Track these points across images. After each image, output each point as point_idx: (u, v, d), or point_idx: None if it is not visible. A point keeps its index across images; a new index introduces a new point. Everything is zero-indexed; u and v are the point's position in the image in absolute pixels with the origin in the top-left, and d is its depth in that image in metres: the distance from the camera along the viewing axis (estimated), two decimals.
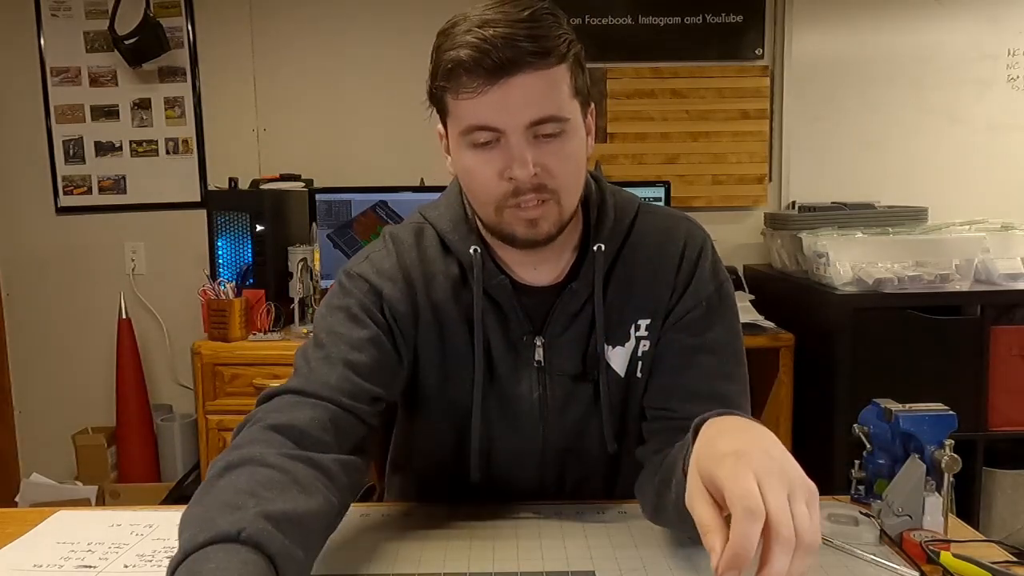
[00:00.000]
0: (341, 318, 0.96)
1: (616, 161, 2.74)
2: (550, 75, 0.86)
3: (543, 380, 1.01)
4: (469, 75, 0.84)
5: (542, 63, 0.85)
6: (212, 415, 2.24)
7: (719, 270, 1.03)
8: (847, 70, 2.78)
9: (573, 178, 0.92)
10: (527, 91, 0.85)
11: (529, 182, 0.87)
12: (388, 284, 0.98)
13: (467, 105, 0.86)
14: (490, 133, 0.87)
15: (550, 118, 0.86)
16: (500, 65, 0.83)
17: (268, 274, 2.39)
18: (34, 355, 2.87)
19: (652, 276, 1.00)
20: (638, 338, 1.00)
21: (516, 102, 0.85)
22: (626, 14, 2.75)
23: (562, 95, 0.88)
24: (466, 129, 0.88)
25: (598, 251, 0.98)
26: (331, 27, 2.76)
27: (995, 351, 2.13)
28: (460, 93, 0.86)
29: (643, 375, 1.01)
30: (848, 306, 2.13)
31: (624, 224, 1.01)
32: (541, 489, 1.06)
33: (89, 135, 2.78)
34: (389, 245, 1.01)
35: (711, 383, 0.97)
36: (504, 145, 0.87)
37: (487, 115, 0.86)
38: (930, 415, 0.96)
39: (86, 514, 1.05)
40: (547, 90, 0.86)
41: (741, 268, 2.72)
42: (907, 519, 0.92)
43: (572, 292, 0.98)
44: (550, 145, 0.88)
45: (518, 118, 0.85)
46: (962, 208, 2.65)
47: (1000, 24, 2.76)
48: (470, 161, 0.90)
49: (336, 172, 2.72)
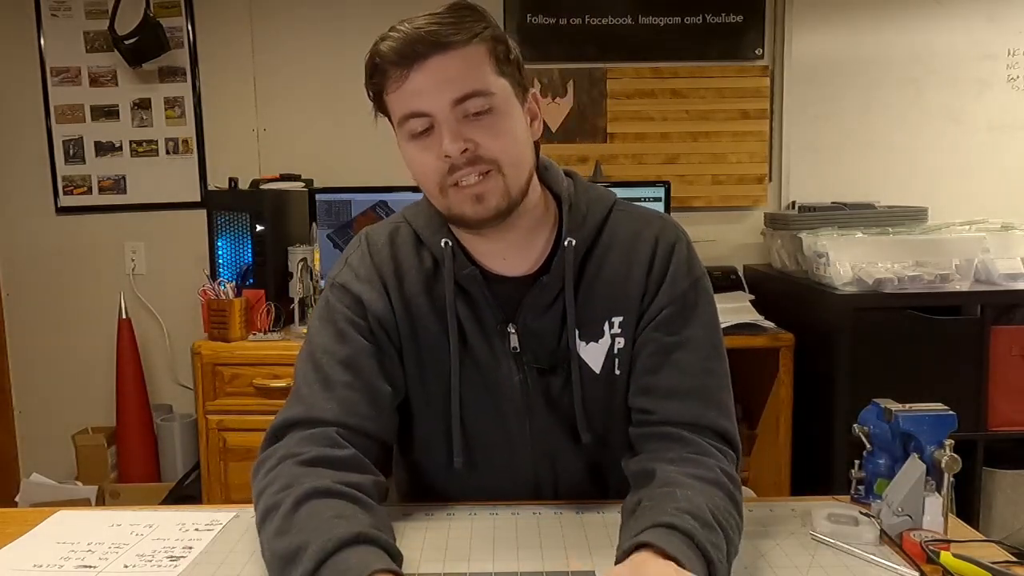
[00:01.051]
0: (331, 334, 1.01)
1: (616, 161, 2.74)
2: (466, 53, 0.91)
3: (521, 366, 1.03)
4: (391, 66, 0.90)
5: (456, 43, 0.90)
6: (212, 415, 2.24)
7: (694, 266, 1.03)
8: (847, 70, 2.78)
9: (512, 153, 0.94)
10: (442, 70, 0.90)
11: (462, 157, 0.91)
12: (366, 288, 1.02)
13: (396, 97, 0.92)
14: (422, 120, 0.91)
15: (473, 93, 0.90)
16: (414, 53, 0.89)
17: (268, 274, 2.39)
18: (34, 355, 2.87)
19: (624, 274, 1.02)
20: (613, 335, 1.02)
21: (435, 83, 0.90)
22: (626, 14, 2.75)
23: (483, 72, 0.91)
24: (400, 120, 0.93)
25: (568, 245, 1.00)
26: (331, 27, 2.76)
27: (995, 351, 2.13)
28: (388, 86, 0.92)
29: (622, 372, 1.02)
30: (848, 306, 2.12)
31: (596, 219, 1.03)
32: (526, 478, 1.07)
33: (89, 135, 2.78)
34: (364, 246, 1.07)
35: (690, 380, 0.98)
36: (437, 131, 0.91)
37: (413, 101, 0.91)
38: (930, 415, 0.97)
39: (86, 514, 1.05)
40: (465, 68, 0.90)
41: (741, 268, 2.71)
42: (907, 519, 0.92)
43: (543, 285, 1.00)
44: (481, 121, 0.91)
45: (441, 98, 0.90)
46: (962, 208, 2.65)
47: (1000, 24, 2.76)
48: (411, 152, 0.95)
49: (336, 172, 2.72)
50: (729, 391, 1.01)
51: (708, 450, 0.93)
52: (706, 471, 0.89)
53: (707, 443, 0.94)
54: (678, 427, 0.95)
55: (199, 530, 0.98)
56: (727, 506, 0.86)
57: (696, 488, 0.86)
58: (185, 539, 0.96)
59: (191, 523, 1.00)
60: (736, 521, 0.86)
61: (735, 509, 0.87)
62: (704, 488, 0.86)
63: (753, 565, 0.87)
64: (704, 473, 0.89)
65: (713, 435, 0.96)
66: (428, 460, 1.10)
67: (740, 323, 2.25)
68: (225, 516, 1.02)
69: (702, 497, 0.84)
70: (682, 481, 0.87)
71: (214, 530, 0.98)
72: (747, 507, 1.01)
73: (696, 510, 0.81)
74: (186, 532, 0.97)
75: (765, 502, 1.05)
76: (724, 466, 0.92)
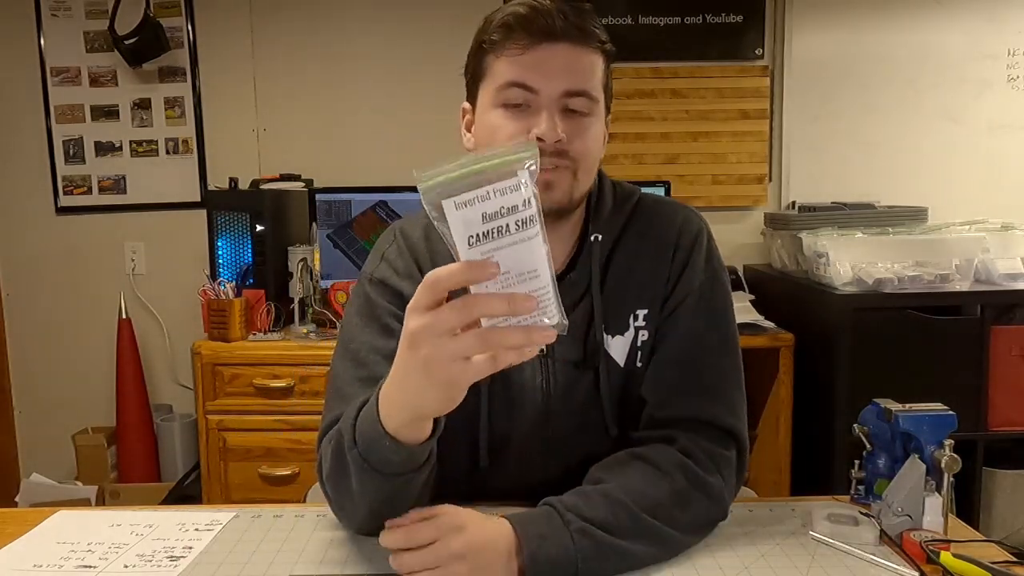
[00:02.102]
0: (376, 330, 0.99)
1: (616, 161, 2.74)
2: (589, 56, 0.93)
3: (546, 367, 1.02)
4: (518, 33, 0.91)
5: (585, 42, 0.92)
6: (212, 415, 2.24)
7: (713, 258, 1.05)
8: (847, 70, 2.78)
9: (591, 159, 0.96)
10: (568, 60, 0.91)
11: (553, 146, 0.91)
12: (407, 283, 1.01)
13: (509, 63, 0.92)
14: (524, 94, 0.92)
15: (584, 92, 0.92)
16: (548, 30, 0.90)
17: (268, 274, 2.39)
18: (34, 355, 2.87)
19: (649, 266, 1.02)
20: (637, 328, 1.02)
21: (557, 67, 0.91)
22: (626, 14, 2.75)
23: (596, 79, 0.94)
24: (503, 85, 0.93)
25: (595, 241, 1.01)
26: (331, 27, 2.76)
27: (995, 351, 2.13)
28: (506, 49, 0.92)
29: (643, 365, 1.03)
30: (848, 306, 2.12)
31: (623, 214, 1.04)
32: (547, 476, 1.06)
33: (89, 135, 2.78)
34: (400, 241, 1.05)
35: (698, 375, 0.99)
36: (533, 111, 0.92)
37: (527, 74, 0.91)
38: (930, 415, 0.96)
39: (86, 514, 1.05)
40: (585, 68, 0.92)
41: (741, 268, 2.72)
42: (907, 519, 0.92)
43: (571, 283, 1.01)
44: (577, 120, 0.93)
45: (556, 83, 0.91)
46: (962, 208, 2.65)
47: (1000, 24, 2.76)
48: (498, 119, 0.94)
49: (336, 172, 2.72)
50: (739, 387, 1.01)
51: (687, 449, 0.94)
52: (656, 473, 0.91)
53: (699, 444, 0.94)
54: (675, 426, 0.96)
55: (199, 530, 0.98)
56: (661, 494, 0.88)
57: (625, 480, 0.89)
58: (185, 539, 0.95)
59: (191, 523, 1.00)
60: (669, 512, 0.88)
61: (678, 504, 0.89)
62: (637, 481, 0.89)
63: (753, 565, 0.87)
64: (656, 460, 0.92)
65: (715, 431, 0.96)
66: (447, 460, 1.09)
67: (740, 323, 2.21)
68: (225, 516, 1.02)
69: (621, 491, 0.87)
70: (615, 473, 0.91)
71: (214, 530, 0.98)
72: (747, 507, 1.02)
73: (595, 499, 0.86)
74: (186, 532, 0.97)
75: (765, 502, 1.05)
76: (691, 468, 0.92)
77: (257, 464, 2.23)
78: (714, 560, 0.89)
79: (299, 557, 0.91)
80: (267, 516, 1.02)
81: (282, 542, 0.95)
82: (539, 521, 0.84)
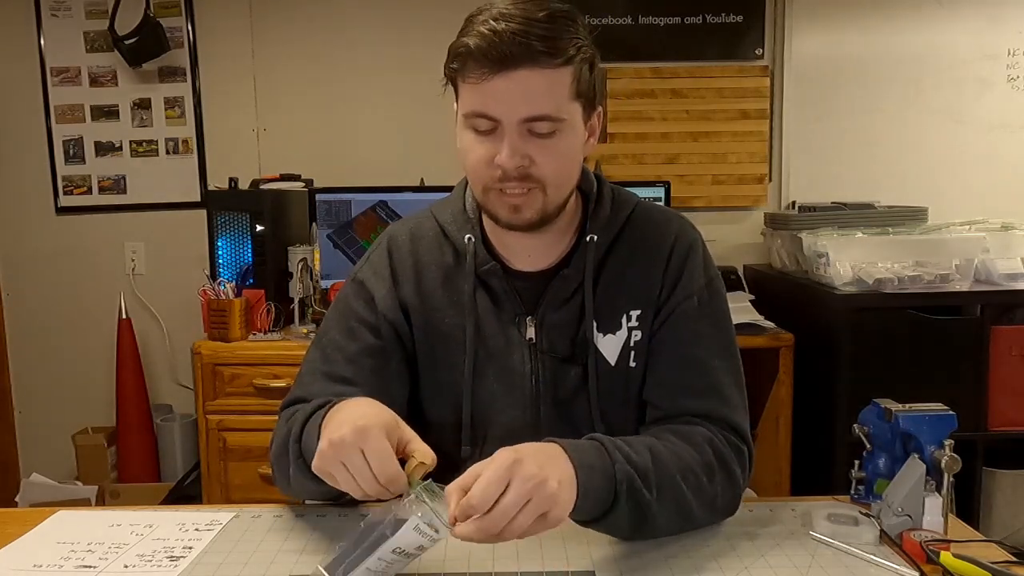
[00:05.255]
0: (342, 330, 1.06)
1: (616, 161, 2.73)
2: (552, 75, 0.91)
3: (535, 355, 1.05)
4: (476, 62, 0.90)
5: (546, 62, 0.90)
6: (212, 415, 2.24)
7: (709, 266, 1.08)
8: (847, 70, 2.78)
9: (562, 174, 0.97)
10: (527, 87, 0.90)
11: (515, 171, 0.93)
12: (381, 286, 1.07)
13: (471, 90, 0.93)
14: (488, 122, 0.92)
15: (544, 117, 0.92)
16: (504, 58, 0.88)
17: (268, 274, 2.39)
18: (34, 355, 2.87)
19: (643, 269, 1.05)
20: (630, 328, 1.04)
21: (514, 96, 0.90)
22: (626, 14, 2.75)
23: (561, 96, 0.92)
24: (468, 113, 0.94)
25: (591, 241, 1.04)
26: (331, 27, 2.75)
27: (995, 351, 2.13)
28: (466, 78, 0.92)
29: (637, 365, 1.04)
30: (848, 306, 2.12)
31: (620, 218, 1.07)
32: None
33: (89, 135, 2.78)
34: (384, 245, 1.11)
35: (703, 377, 1.01)
36: (499, 134, 0.93)
37: (486, 103, 0.92)
38: (930, 415, 0.97)
39: (86, 514, 1.05)
40: (546, 90, 0.91)
41: (741, 268, 2.71)
42: (907, 519, 0.92)
43: (564, 278, 1.04)
44: (542, 141, 0.93)
45: (514, 111, 0.91)
46: (962, 208, 2.65)
47: (1000, 24, 2.75)
48: (468, 142, 0.96)
49: (336, 172, 2.72)
50: (741, 390, 1.03)
51: (711, 432, 0.97)
52: (690, 434, 0.95)
53: (718, 430, 0.97)
54: (691, 418, 0.99)
55: (199, 530, 0.98)
56: (693, 461, 0.92)
57: (664, 440, 0.93)
58: (185, 539, 0.95)
59: (191, 523, 1.00)
60: (698, 480, 0.91)
61: (705, 473, 0.92)
62: (676, 442, 0.93)
63: (753, 565, 0.87)
64: (687, 432, 0.96)
65: (727, 428, 0.99)
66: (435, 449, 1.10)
67: (740, 323, 2.25)
68: (225, 516, 1.02)
69: (661, 444, 0.91)
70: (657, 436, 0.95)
71: (214, 530, 0.98)
72: (747, 507, 1.02)
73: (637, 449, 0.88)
74: (186, 532, 0.97)
75: (765, 502, 1.05)
76: (718, 446, 0.96)
77: (257, 464, 2.23)
78: (714, 560, 0.89)
79: (299, 557, 0.91)
80: (267, 516, 1.02)
81: (282, 542, 0.95)
82: (589, 451, 0.85)
